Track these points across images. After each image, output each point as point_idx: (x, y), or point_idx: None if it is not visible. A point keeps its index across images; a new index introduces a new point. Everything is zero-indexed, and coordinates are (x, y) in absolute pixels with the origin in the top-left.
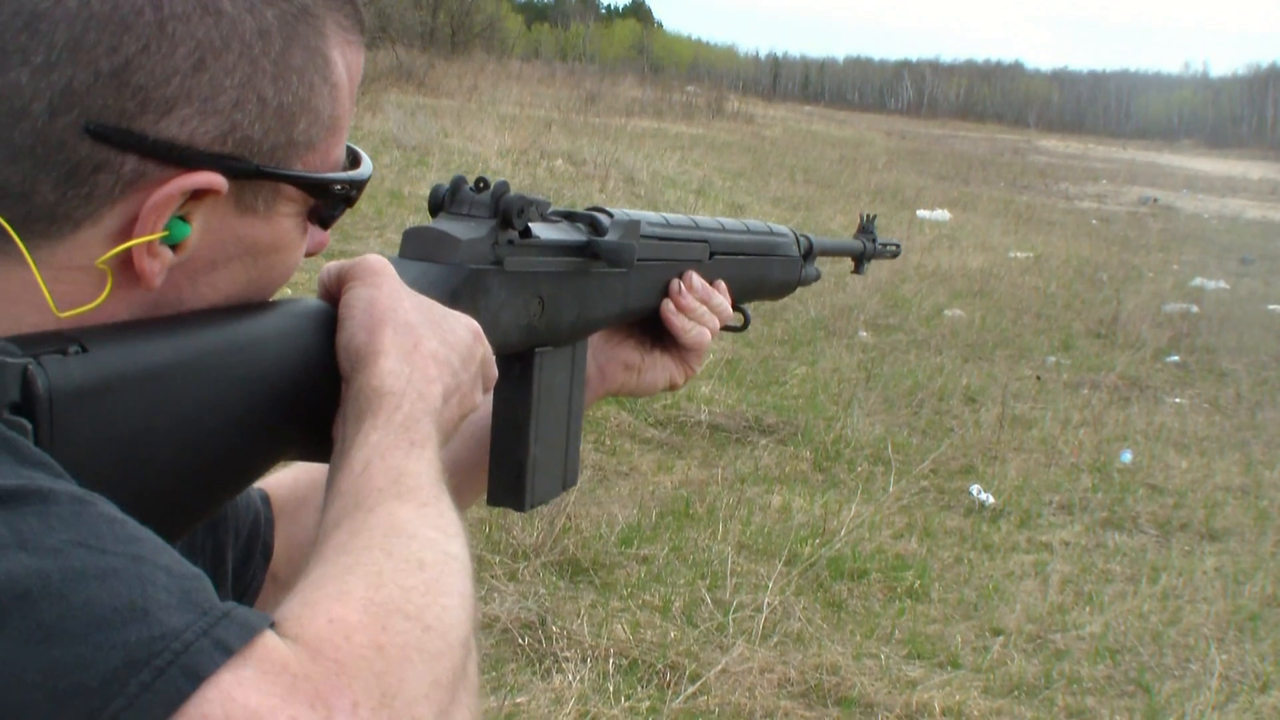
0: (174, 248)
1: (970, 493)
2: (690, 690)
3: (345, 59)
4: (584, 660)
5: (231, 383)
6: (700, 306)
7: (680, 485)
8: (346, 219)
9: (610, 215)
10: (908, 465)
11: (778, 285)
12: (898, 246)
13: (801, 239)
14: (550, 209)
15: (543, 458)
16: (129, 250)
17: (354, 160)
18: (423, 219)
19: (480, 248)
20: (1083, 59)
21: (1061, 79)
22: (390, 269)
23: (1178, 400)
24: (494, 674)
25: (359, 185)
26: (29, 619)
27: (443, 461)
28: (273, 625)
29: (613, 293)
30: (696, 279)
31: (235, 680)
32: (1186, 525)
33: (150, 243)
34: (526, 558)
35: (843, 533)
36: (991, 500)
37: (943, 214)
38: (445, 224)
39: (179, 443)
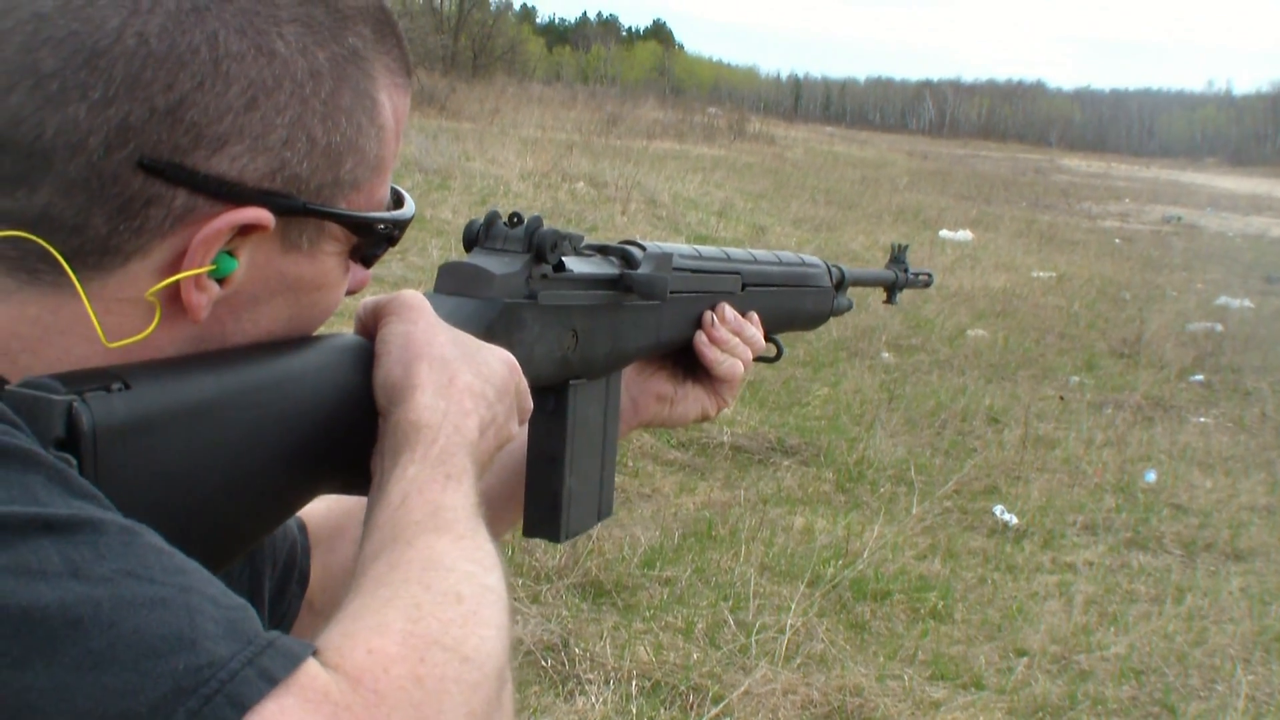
0: (220, 282)
1: (994, 513)
2: (713, 712)
3: (392, 101)
4: (607, 682)
5: (271, 418)
6: (733, 338)
7: (703, 507)
8: None
9: (643, 248)
10: (930, 486)
11: (810, 316)
12: (930, 276)
13: (834, 269)
14: (584, 243)
15: (578, 489)
16: (177, 283)
17: (397, 200)
18: (444, 242)
19: (514, 282)
20: (1105, 78)
21: (1083, 98)
22: (426, 304)
23: (1202, 420)
24: (518, 696)
25: (402, 225)
26: (81, 646)
27: (479, 493)
28: (315, 654)
29: (646, 325)
30: (729, 311)
31: (278, 709)
32: (1211, 545)
33: (198, 276)
34: (549, 580)
35: (866, 554)
36: (1015, 521)
37: (965, 234)
38: (480, 259)
39: (220, 477)
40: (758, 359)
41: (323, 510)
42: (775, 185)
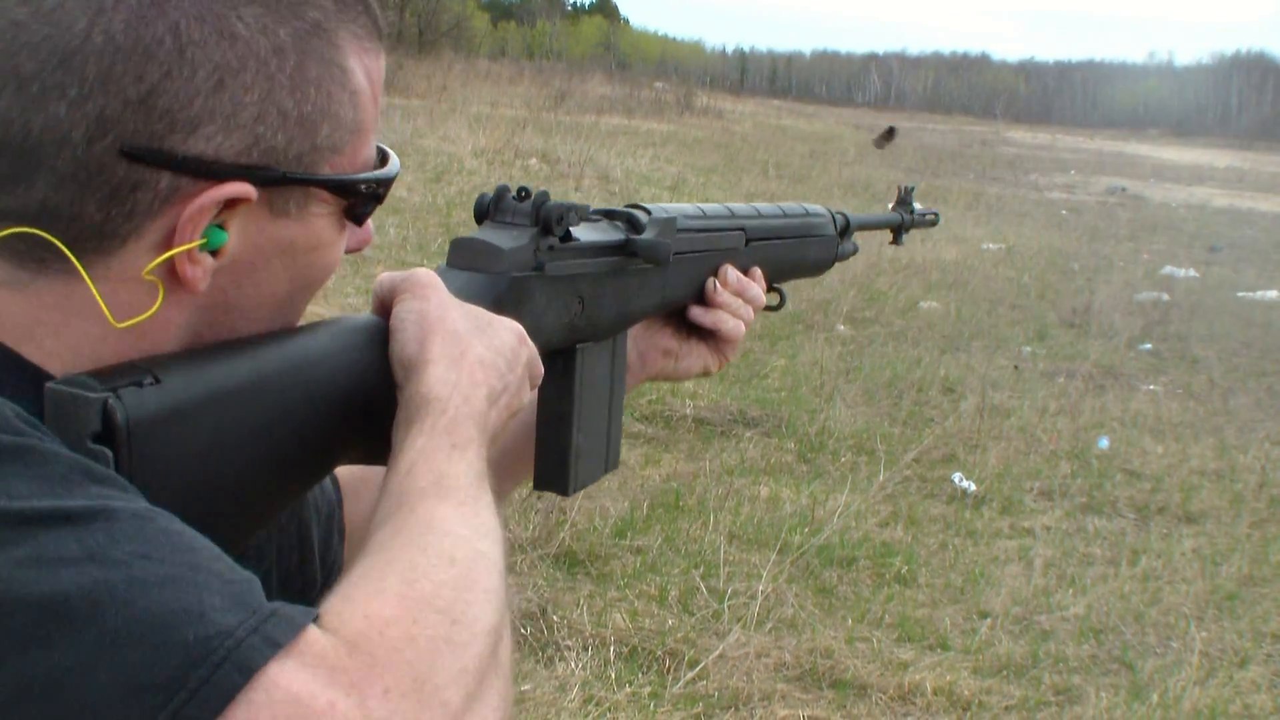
0: (214, 253)
1: (952, 481)
2: (690, 675)
3: (364, 65)
4: (585, 648)
5: (295, 397)
6: (735, 300)
7: (669, 478)
8: None
9: (648, 212)
10: (891, 455)
11: (815, 264)
12: (936, 215)
13: (838, 216)
14: (591, 209)
15: (586, 445)
16: (173, 259)
17: (383, 159)
18: (400, 220)
19: (522, 255)
20: (1049, 50)
21: (1028, 70)
22: (438, 282)
23: (1152, 387)
24: None
25: (385, 183)
26: (100, 625)
27: (487, 460)
28: (316, 619)
29: (651, 287)
30: (732, 273)
31: (280, 671)
32: (1164, 509)
33: (190, 250)
34: (524, 550)
35: (831, 522)
36: (973, 488)
37: (916, 207)
38: (489, 234)
39: (248, 456)
40: (766, 308)
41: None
42: (725, 159)
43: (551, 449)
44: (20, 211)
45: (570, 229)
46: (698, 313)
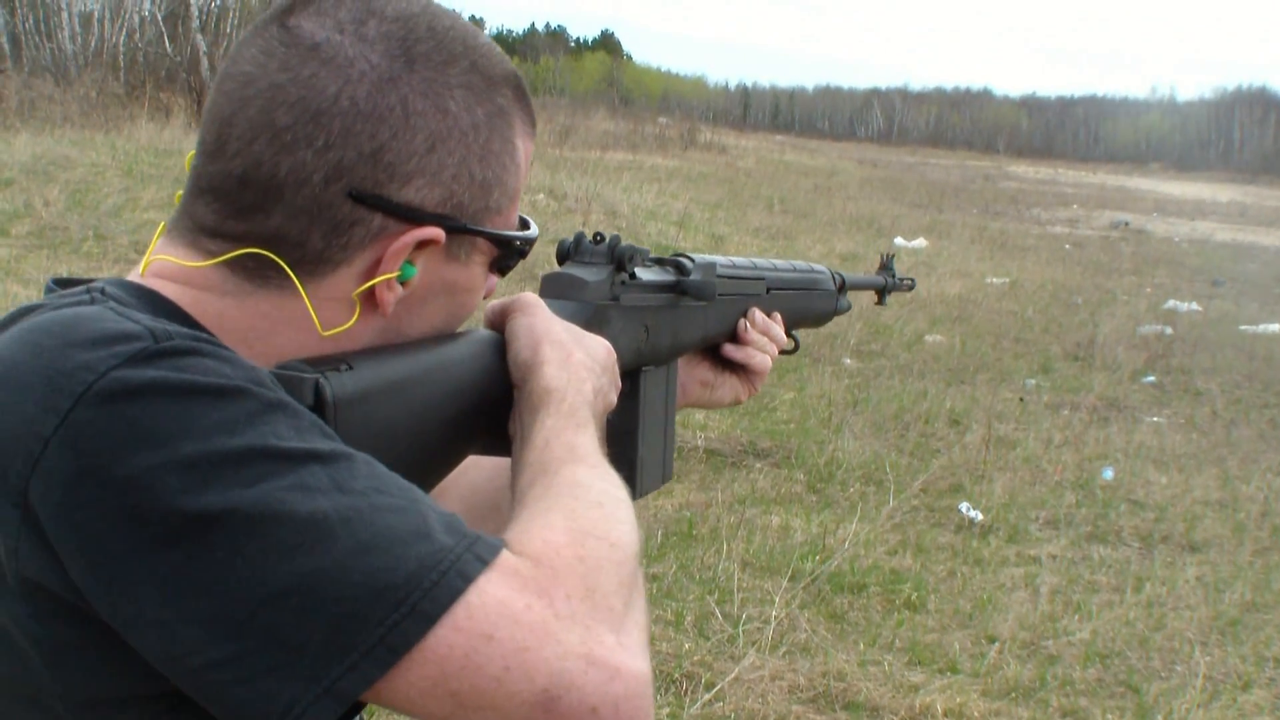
0: (403, 284)
1: (960, 510)
2: (707, 698)
3: (525, 146)
4: None
5: (441, 392)
6: (762, 338)
7: (681, 507)
8: None
9: (692, 260)
10: (899, 485)
11: (819, 315)
12: (913, 281)
13: (836, 276)
14: (648, 255)
15: (648, 457)
16: (373, 285)
17: (524, 223)
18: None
19: (602, 288)
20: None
21: (1030, 105)
22: (541, 302)
23: (1155, 419)
24: None
25: (531, 242)
26: (352, 538)
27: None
28: (506, 545)
29: (697, 323)
30: (759, 315)
31: (488, 580)
32: (1168, 538)
33: (389, 280)
34: None
35: (843, 549)
36: (980, 517)
37: (920, 242)
38: (574, 269)
39: (410, 437)
40: (781, 352)
41: None
42: (730, 194)
43: (620, 461)
44: (257, 235)
45: (636, 269)
46: (731, 349)
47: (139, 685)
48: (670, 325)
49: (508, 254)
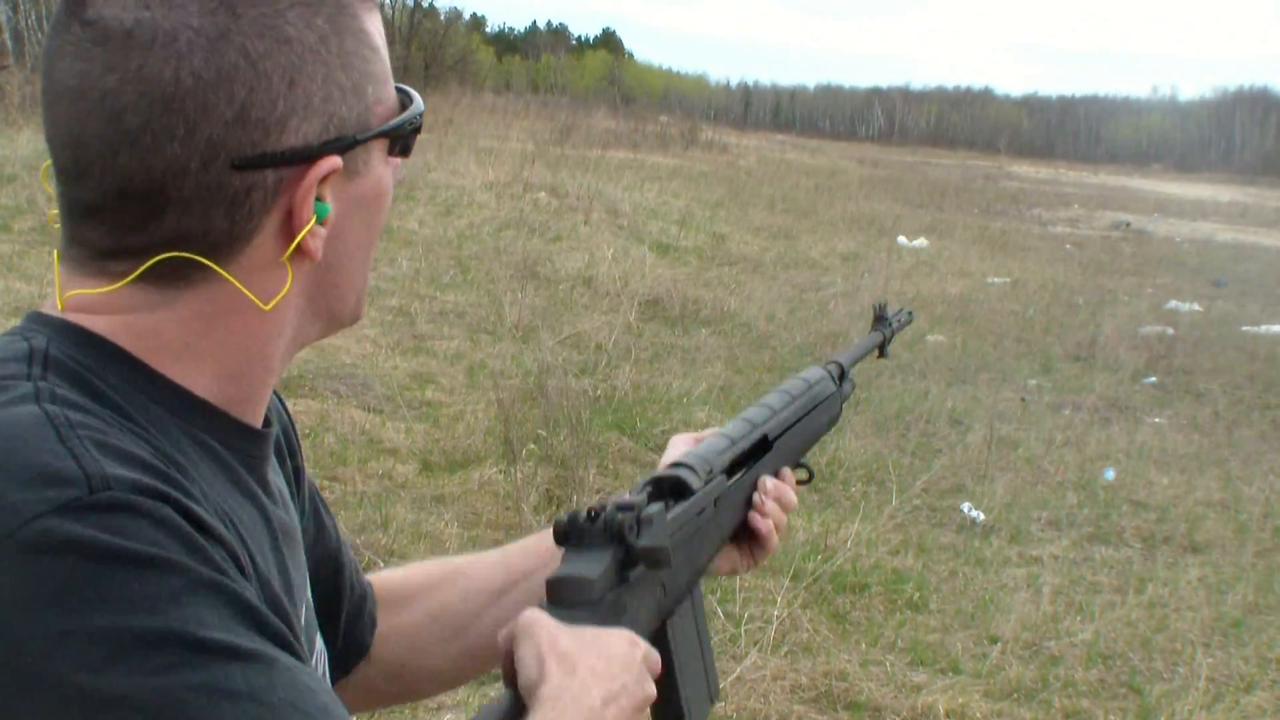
0: (322, 224)
1: (961, 510)
2: None
3: (374, 24)
4: None
5: None
6: (775, 505)
7: None
8: None
9: (693, 468)
10: (900, 485)
11: (828, 425)
12: (910, 314)
13: (832, 367)
14: (642, 482)
15: (692, 694)
16: (300, 241)
17: (404, 96)
18: (412, 252)
19: (608, 578)
20: (1052, 84)
21: (1031, 105)
22: (542, 617)
23: (1157, 420)
24: None
25: (421, 115)
26: None
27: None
28: None
29: (712, 536)
30: (770, 482)
31: None
32: (1170, 539)
33: (313, 228)
34: None
35: (845, 549)
36: (982, 517)
37: (921, 241)
38: (574, 565)
39: None
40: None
41: (399, 577)
42: (731, 193)
43: (665, 709)
44: (159, 241)
45: (639, 518)
46: (756, 520)
47: None
48: (688, 558)
49: (403, 139)
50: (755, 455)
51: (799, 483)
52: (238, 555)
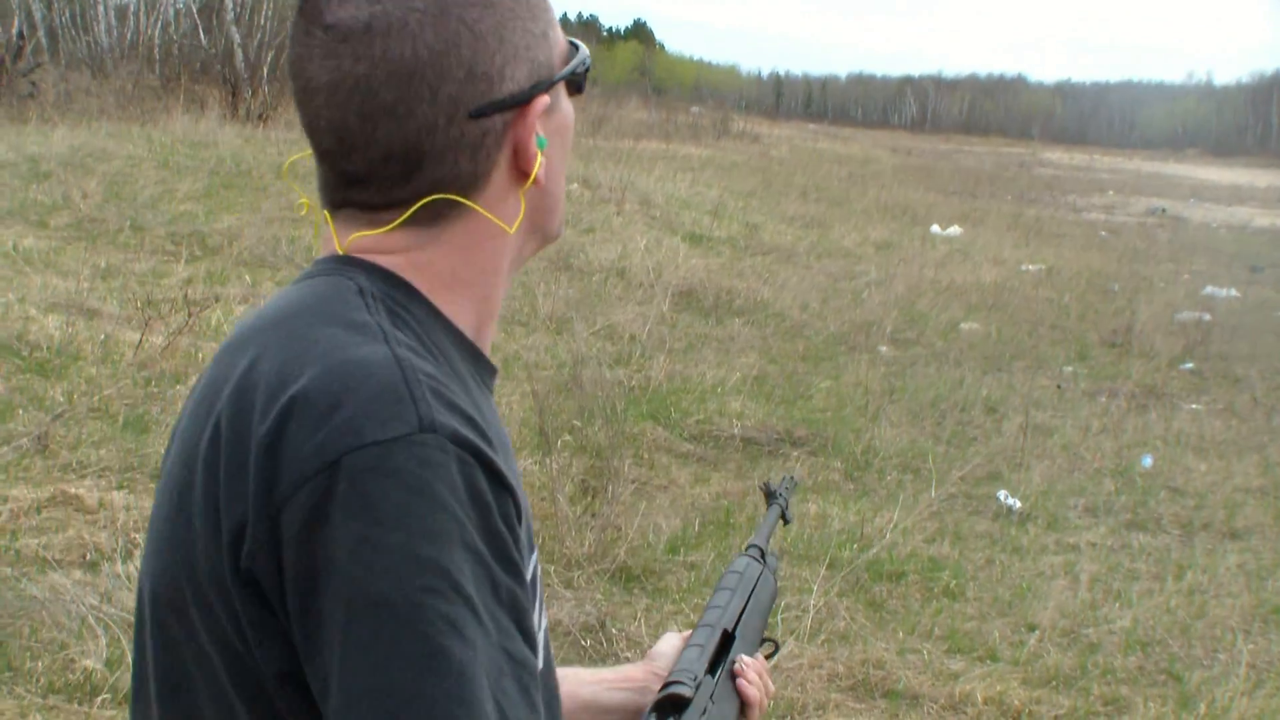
0: (542, 154)
1: (998, 498)
2: None
3: None
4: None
5: None
6: (755, 676)
7: (718, 496)
8: None
9: (679, 681)
10: (936, 473)
11: (770, 601)
12: (793, 478)
13: (753, 551)
14: (648, 713)
15: None
16: (535, 175)
17: (572, 44)
18: None
19: None
20: (1085, 71)
21: (1065, 91)
22: None
23: (1194, 406)
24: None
25: (589, 57)
26: (458, 689)
27: None
28: None
29: None
30: (748, 665)
31: None
32: (1208, 525)
33: (539, 160)
34: (580, 566)
35: (881, 537)
36: (1019, 505)
37: (955, 230)
38: None
39: None
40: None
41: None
42: (763, 183)
43: None
44: (422, 188)
45: None
46: (745, 688)
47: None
48: None
49: (581, 76)
50: (725, 649)
51: (766, 656)
52: (519, 501)
